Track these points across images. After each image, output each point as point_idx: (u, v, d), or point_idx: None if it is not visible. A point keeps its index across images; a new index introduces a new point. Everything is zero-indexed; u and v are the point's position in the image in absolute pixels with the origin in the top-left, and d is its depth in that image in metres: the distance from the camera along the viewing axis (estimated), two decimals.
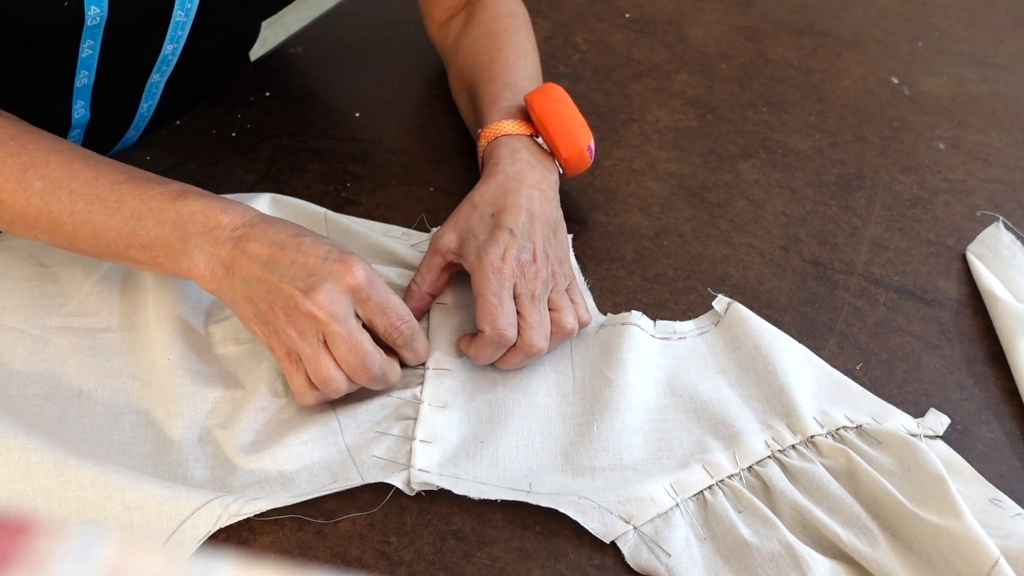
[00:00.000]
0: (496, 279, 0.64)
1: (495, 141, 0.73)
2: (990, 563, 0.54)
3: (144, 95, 0.81)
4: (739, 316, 0.71)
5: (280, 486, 0.60)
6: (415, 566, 0.58)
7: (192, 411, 0.63)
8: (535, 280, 0.66)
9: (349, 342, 0.58)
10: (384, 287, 0.60)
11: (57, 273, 0.71)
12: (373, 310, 0.60)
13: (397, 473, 0.60)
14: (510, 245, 0.65)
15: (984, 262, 0.78)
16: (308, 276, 0.58)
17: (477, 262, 0.65)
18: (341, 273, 0.58)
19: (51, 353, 0.66)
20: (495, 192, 0.69)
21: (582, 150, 0.73)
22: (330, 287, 0.58)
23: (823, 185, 0.85)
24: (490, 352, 0.65)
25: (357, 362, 0.59)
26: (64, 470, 0.58)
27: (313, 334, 0.58)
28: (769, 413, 0.66)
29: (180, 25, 0.73)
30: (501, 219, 0.67)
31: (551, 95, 0.73)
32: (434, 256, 0.69)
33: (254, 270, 0.59)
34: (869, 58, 1.00)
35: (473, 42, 0.83)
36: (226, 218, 0.60)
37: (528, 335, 0.64)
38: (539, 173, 0.71)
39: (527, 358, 0.66)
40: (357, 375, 0.60)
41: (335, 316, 0.58)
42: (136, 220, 0.61)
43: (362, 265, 0.59)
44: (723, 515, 0.59)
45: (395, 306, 0.60)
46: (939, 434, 0.66)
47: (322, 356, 0.59)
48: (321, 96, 0.92)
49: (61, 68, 0.73)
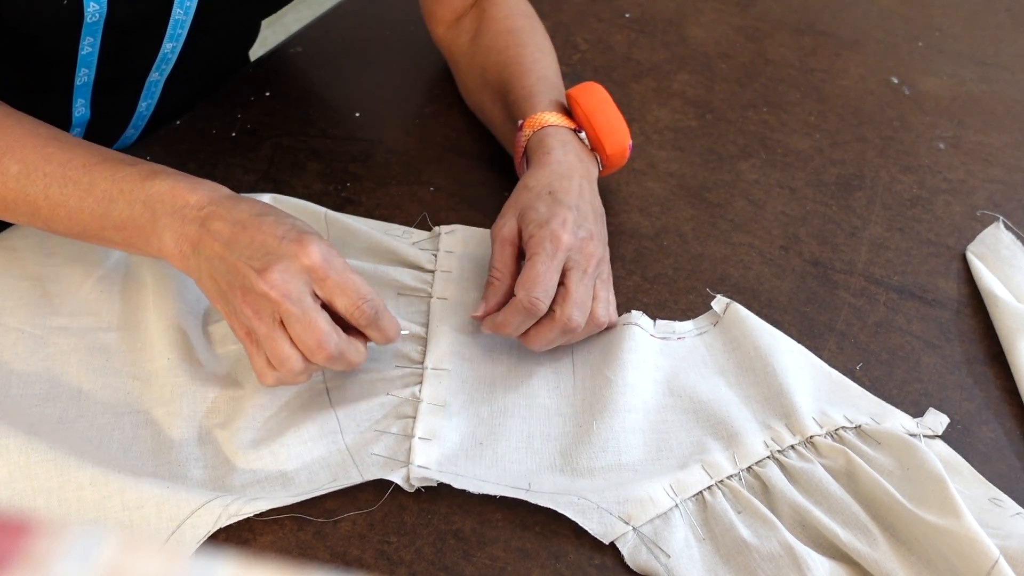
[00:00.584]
0: (552, 246, 0.65)
1: (542, 131, 0.74)
2: (990, 563, 0.54)
3: (143, 94, 0.81)
4: (738, 316, 0.71)
5: (280, 485, 0.60)
6: (415, 566, 0.58)
7: (192, 410, 0.63)
8: (590, 258, 0.66)
9: (303, 321, 0.57)
10: (343, 267, 0.59)
11: (57, 273, 0.71)
12: (332, 290, 0.58)
13: (396, 470, 0.60)
14: (569, 219, 0.66)
15: (984, 262, 0.78)
16: (264, 256, 0.58)
17: (536, 230, 0.66)
18: (296, 252, 0.57)
19: (51, 353, 0.66)
20: (550, 176, 0.70)
21: (625, 148, 0.75)
22: (284, 266, 0.57)
23: (823, 185, 0.85)
24: (517, 321, 0.64)
25: (312, 341, 0.58)
26: (64, 470, 0.58)
27: (268, 314, 0.58)
28: (768, 413, 0.66)
29: (179, 23, 0.73)
30: (560, 196, 0.68)
31: (596, 93, 0.75)
32: (503, 247, 0.68)
33: (216, 249, 0.59)
34: (869, 58, 1.00)
35: (493, 40, 0.84)
36: (193, 197, 0.61)
37: (569, 309, 0.64)
38: (586, 167, 0.73)
39: (563, 335, 0.65)
40: (313, 355, 0.58)
41: (288, 295, 0.57)
42: (108, 202, 0.62)
43: (319, 245, 0.58)
44: (722, 515, 0.59)
45: (355, 285, 0.59)
46: (938, 434, 0.66)
47: (277, 335, 0.58)
48: (321, 96, 0.92)
49: (61, 66, 0.73)
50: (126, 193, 0.62)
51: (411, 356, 0.68)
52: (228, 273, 0.59)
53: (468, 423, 0.65)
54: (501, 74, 0.81)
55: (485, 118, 0.86)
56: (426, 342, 0.68)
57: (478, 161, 0.86)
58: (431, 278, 0.73)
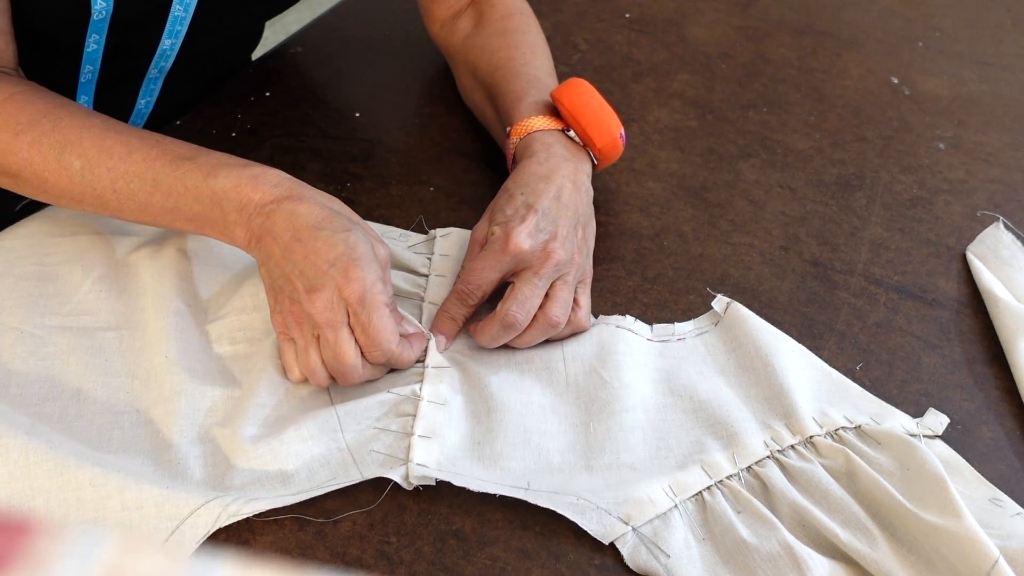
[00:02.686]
0: (500, 244, 0.66)
1: (528, 137, 0.74)
2: (990, 563, 0.54)
3: (142, 91, 0.81)
4: (738, 316, 0.71)
5: (279, 484, 0.60)
6: (415, 566, 0.58)
7: (191, 409, 0.63)
8: (545, 260, 0.66)
9: (336, 350, 0.62)
10: (377, 307, 0.61)
11: (56, 272, 0.71)
12: (357, 326, 0.62)
13: (396, 468, 0.60)
14: (530, 220, 0.67)
15: (984, 262, 0.78)
16: (314, 278, 0.61)
17: (495, 229, 0.67)
18: (341, 285, 0.61)
19: (50, 352, 0.66)
20: (528, 179, 0.70)
21: (615, 138, 0.75)
22: (329, 295, 0.61)
23: (823, 185, 0.85)
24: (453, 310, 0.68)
25: (338, 369, 0.63)
26: (63, 470, 0.58)
27: (309, 329, 0.62)
28: (768, 413, 0.66)
29: (179, 20, 0.73)
30: (530, 199, 0.69)
31: (578, 88, 0.75)
32: (473, 246, 0.70)
33: (274, 251, 0.63)
34: (869, 58, 1.00)
35: (487, 40, 0.84)
36: (256, 195, 0.63)
37: (508, 305, 0.66)
38: (572, 166, 0.73)
39: (503, 329, 0.66)
40: (338, 379, 0.63)
41: (329, 323, 0.61)
42: (176, 197, 0.65)
43: (361, 282, 0.61)
44: (722, 516, 0.59)
45: (376, 331, 0.61)
46: (938, 434, 0.66)
47: (312, 350, 0.63)
48: (321, 96, 0.92)
49: (67, 63, 0.73)
50: (192, 190, 0.64)
51: None
52: (281, 278, 0.63)
53: (466, 422, 0.65)
54: (492, 76, 0.81)
55: (480, 116, 0.87)
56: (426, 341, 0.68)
57: (478, 161, 0.86)
58: (424, 282, 0.73)
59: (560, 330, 0.68)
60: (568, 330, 0.69)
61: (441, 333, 0.68)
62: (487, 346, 0.68)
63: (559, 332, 0.69)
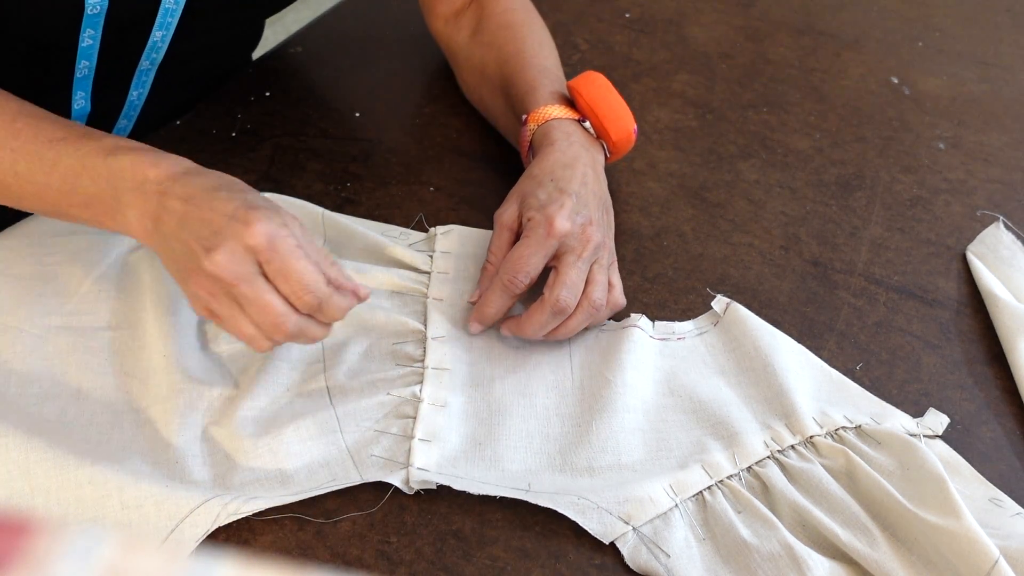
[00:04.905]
0: (544, 230, 0.66)
1: (546, 124, 0.75)
2: (989, 563, 0.54)
3: (133, 83, 0.81)
4: (738, 316, 0.71)
5: (279, 484, 0.60)
6: (415, 566, 0.57)
7: (190, 408, 0.63)
8: (586, 243, 0.67)
9: (257, 303, 0.56)
10: (290, 249, 0.56)
11: (56, 271, 0.71)
12: (274, 275, 0.56)
13: (396, 472, 0.60)
14: (567, 204, 0.67)
15: (984, 262, 0.78)
16: (212, 235, 0.56)
17: (534, 214, 0.67)
18: (241, 233, 0.55)
19: (50, 352, 0.66)
20: (553, 165, 0.71)
21: (630, 133, 0.76)
22: (231, 247, 0.55)
23: (823, 185, 0.85)
24: (498, 301, 0.66)
25: (268, 323, 0.57)
26: (63, 469, 0.58)
27: (223, 294, 0.57)
28: (768, 413, 0.66)
29: (169, 12, 0.73)
30: (561, 184, 0.69)
31: (596, 81, 0.76)
32: (501, 232, 0.70)
33: (172, 226, 0.57)
34: (869, 58, 1.00)
35: (493, 35, 0.85)
36: (153, 172, 0.59)
37: (557, 290, 0.65)
38: (591, 155, 0.74)
39: (553, 316, 0.66)
40: (273, 335, 0.58)
41: (238, 276, 0.55)
42: (73, 178, 0.61)
43: (265, 224, 0.55)
44: (722, 515, 0.59)
45: (298, 272, 0.56)
46: (938, 434, 0.65)
47: (238, 317, 0.57)
48: (321, 96, 0.92)
49: (62, 59, 0.73)
50: (90, 169, 0.61)
51: (412, 355, 0.68)
52: (182, 251, 0.57)
53: (467, 424, 0.65)
54: (502, 69, 0.82)
55: (486, 112, 0.87)
56: (426, 341, 0.68)
57: (478, 161, 0.86)
58: (427, 279, 0.73)
59: (601, 314, 0.68)
60: (608, 311, 0.69)
61: (483, 325, 0.68)
62: (534, 336, 0.67)
63: (599, 316, 0.68)
